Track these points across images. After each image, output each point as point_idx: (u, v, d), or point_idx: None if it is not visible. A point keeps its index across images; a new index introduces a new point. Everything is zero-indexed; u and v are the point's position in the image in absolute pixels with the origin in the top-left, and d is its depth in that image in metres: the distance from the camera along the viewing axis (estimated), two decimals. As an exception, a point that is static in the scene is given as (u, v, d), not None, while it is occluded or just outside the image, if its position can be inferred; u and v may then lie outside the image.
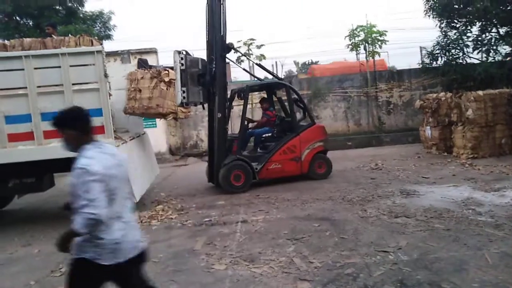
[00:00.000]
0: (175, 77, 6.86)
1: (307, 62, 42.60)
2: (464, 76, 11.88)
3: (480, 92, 9.34)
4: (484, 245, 4.04)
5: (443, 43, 12.29)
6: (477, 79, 11.15)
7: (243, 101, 8.21)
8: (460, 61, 12.30)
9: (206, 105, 7.86)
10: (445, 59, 12.38)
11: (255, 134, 8.48)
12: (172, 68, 7.06)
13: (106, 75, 5.86)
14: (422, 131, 11.04)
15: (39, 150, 5.78)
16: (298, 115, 9.06)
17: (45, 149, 5.79)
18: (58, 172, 7.40)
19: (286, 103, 8.76)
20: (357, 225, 5.03)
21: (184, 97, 6.87)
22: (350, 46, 14.70)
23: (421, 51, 14.01)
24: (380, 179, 7.67)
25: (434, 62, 12.69)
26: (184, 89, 6.88)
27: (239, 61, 16.50)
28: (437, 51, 12.42)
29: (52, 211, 7.51)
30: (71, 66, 5.75)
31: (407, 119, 14.31)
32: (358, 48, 14.67)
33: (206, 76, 7.43)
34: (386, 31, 14.15)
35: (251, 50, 14.96)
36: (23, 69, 5.67)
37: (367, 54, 14.46)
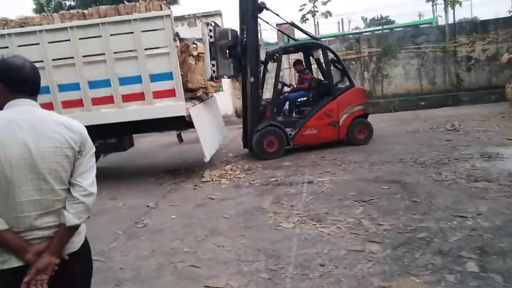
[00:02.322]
0: (204, 51, 6.67)
1: (376, 18, 39.90)
2: None
3: None
4: None
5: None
6: None
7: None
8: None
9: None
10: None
11: (290, 99, 8.17)
12: (201, 40, 6.80)
13: (175, 39, 6.02)
14: (509, 89, 9.89)
15: (119, 112, 6.24)
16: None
17: (124, 111, 6.23)
18: (137, 133, 8.00)
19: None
20: (430, 188, 4.79)
21: (214, 71, 6.67)
22: (427, -4, 13.38)
23: (512, -4, 12.31)
24: (457, 141, 7.14)
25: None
26: (213, 62, 6.66)
27: (303, 19, 15.94)
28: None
29: (133, 169, 8.21)
30: (142, 31, 5.99)
31: (491, 75, 12.90)
32: (436, -2, 13.30)
33: (237, 48, 7.14)
34: (470, -24, 12.61)
35: (316, 7, 14.33)
36: (100, 36, 6.04)
37: (446, 4, 13.07)
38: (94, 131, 6.36)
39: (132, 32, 6.00)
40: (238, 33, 7.28)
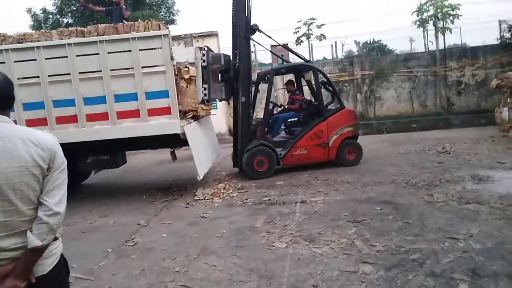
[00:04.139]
0: (196, 74, 6.76)
1: (368, 41, 40.78)
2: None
3: None
4: None
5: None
6: None
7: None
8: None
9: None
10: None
11: (280, 119, 8.28)
12: (194, 64, 6.90)
13: (172, 58, 6.10)
14: (498, 113, 10.13)
15: (113, 129, 6.23)
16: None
17: (118, 128, 6.23)
18: (130, 150, 7.97)
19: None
20: (422, 210, 4.82)
21: (205, 94, 6.76)
22: (418, 23, 13.83)
23: (500, 25, 12.76)
24: (448, 163, 7.23)
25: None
26: (205, 86, 6.75)
27: (298, 42, 16.26)
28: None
29: (125, 186, 8.14)
30: (140, 50, 6.07)
31: (480, 100, 13.23)
32: (427, 25, 13.76)
33: (229, 72, 7.26)
34: (460, 5, 13.11)
35: (311, 30, 14.67)
36: (98, 54, 6.10)
37: (437, 30, 13.49)
38: (87, 147, 6.45)
39: (130, 51, 6.07)
40: (231, 57, 7.40)
